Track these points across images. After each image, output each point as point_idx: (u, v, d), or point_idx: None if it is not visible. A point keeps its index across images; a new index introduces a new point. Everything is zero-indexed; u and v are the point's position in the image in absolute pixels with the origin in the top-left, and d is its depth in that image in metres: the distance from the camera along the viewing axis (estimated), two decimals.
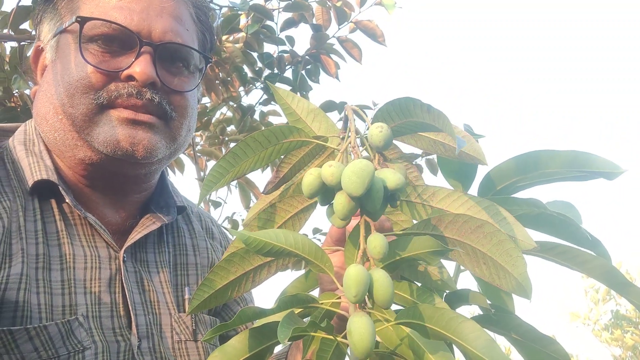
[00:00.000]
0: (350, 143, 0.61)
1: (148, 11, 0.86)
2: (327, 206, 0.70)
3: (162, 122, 0.88)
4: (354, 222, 0.64)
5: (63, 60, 0.86)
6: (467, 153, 0.63)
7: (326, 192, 0.62)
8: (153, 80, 0.85)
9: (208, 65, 0.98)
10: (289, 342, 0.92)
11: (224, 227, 1.12)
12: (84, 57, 0.83)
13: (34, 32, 0.95)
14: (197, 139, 2.69)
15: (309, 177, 0.60)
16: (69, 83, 0.83)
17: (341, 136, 0.65)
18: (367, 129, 0.62)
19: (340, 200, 0.58)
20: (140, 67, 0.84)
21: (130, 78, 0.84)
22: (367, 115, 0.62)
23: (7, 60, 1.72)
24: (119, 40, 0.85)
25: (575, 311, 7.51)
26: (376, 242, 0.57)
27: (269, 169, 2.09)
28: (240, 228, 1.82)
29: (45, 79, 0.89)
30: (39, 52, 0.93)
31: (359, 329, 0.55)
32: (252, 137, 0.63)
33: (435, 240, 0.58)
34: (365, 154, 0.64)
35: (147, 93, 0.84)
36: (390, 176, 0.58)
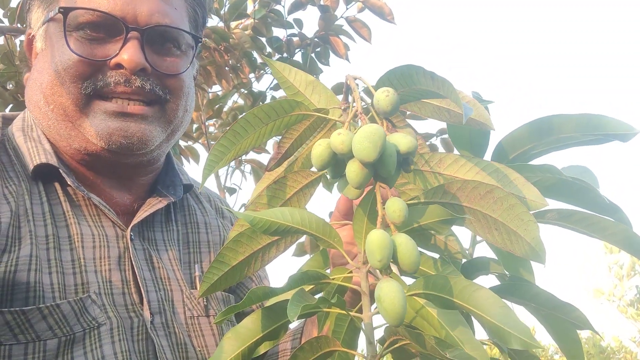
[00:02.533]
0: (357, 110, 0.59)
1: None
2: (337, 180, 0.68)
3: (156, 107, 0.87)
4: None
5: (51, 50, 0.85)
6: (473, 119, 0.61)
7: (337, 163, 0.60)
8: (142, 66, 0.83)
9: (199, 45, 0.95)
10: (304, 318, 0.92)
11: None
12: (70, 47, 0.82)
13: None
14: (211, 128, 2.69)
15: (318, 148, 0.58)
16: (57, 72, 0.83)
17: (343, 107, 0.63)
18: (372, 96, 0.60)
19: (352, 168, 0.56)
20: (128, 54, 0.82)
21: (119, 66, 0.83)
22: (369, 84, 0.60)
23: (17, 54, 1.73)
24: (105, 27, 0.83)
25: (599, 288, 7.42)
26: (395, 206, 0.55)
27: None
28: None
29: (36, 67, 0.88)
30: (30, 40, 0.92)
31: (389, 294, 0.53)
32: (251, 114, 0.62)
33: (444, 209, 0.57)
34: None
35: (136, 81, 0.83)
36: (402, 139, 0.56)
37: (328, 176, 0.65)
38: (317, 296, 0.69)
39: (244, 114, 0.63)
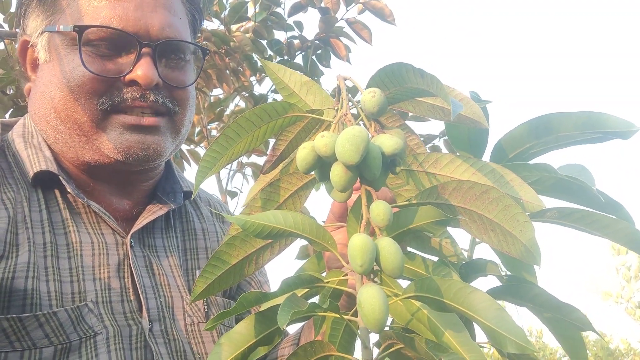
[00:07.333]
0: (343, 112, 0.58)
1: (142, 8, 0.84)
2: (326, 182, 0.67)
3: (166, 118, 0.88)
4: (355, 197, 0.61)
5: (61, 63, 0.84)
6: (467, 117, 0.60)
7: (323, 166, 0.59)
8: (156, 82, 0.84)
9: (206, 57, 0.97)
10: (303, 322, 0.91)
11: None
12: (85, 64, 0.81)
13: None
14: (213, 132, 2.69)
15: (303, 151, 0.58)
16: (71, 88, 0.82)
17: (336, 108, 0.62)
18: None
19: (336, 171, 0.55)
20: (142, 70, 0.82)
21: (133, 82, 0.83)
22: (359, 84, 0.59)
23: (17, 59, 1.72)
24: (118, 43, 0.84)
25: (607, 290, 7.37)
26: (379, 210, 0.54)
27: None
28: None
29: (42, 79, 0.87)
30: (25, 46, 0.91)
31: (369, 299, 0.52)
32: (244, 117, 0.61)
33: (437, 210, 0.56)
34: (362, 124, 0.61)
35: (150, 95, 0.84)
36: (387, 141, 0.55)
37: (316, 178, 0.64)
38: (312, 300, 0.68)
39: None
